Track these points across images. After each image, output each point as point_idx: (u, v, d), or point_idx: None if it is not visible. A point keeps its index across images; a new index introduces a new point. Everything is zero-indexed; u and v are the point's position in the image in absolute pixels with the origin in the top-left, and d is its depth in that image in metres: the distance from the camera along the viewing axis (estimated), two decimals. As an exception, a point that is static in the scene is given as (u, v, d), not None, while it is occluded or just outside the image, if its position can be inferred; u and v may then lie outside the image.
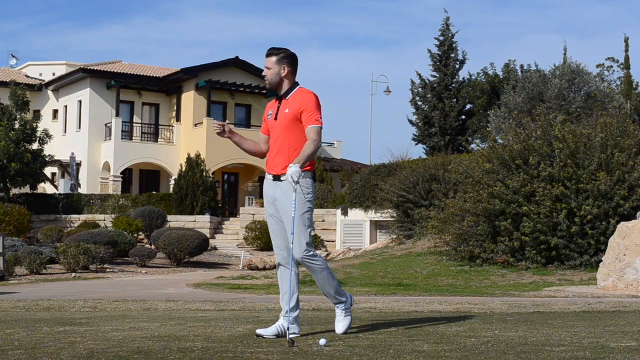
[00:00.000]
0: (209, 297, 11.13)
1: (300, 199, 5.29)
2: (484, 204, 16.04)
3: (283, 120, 5.40)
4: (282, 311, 5.45)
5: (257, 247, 28.48)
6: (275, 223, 5.47)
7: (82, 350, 4.68)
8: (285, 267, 5.45)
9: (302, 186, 5.29)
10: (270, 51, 5.50)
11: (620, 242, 11.96)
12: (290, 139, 5.38)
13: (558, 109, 26.53)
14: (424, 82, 37.31)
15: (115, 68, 37.90)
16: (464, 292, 12.19)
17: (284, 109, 5.43)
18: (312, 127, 5.32)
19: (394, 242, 23.35)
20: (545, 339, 5.16)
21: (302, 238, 5.30)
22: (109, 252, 20.66)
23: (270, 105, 5.64)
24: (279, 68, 5.45)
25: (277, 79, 5.46)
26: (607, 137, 15.96)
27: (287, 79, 5.47)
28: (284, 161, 5.36)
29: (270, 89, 5.53)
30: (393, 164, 27.07)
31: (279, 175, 5.38)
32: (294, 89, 5.47)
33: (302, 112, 5.35)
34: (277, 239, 5.48)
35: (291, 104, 5.41)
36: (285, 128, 5.39)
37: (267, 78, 5.49)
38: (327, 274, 5.46)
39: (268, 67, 5.47)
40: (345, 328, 5.49)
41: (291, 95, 5.45)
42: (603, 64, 41.26)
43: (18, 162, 30.54)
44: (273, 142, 5.47)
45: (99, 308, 8.67)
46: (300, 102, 5.37)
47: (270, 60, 5.46)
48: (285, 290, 5.43)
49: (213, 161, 35.44)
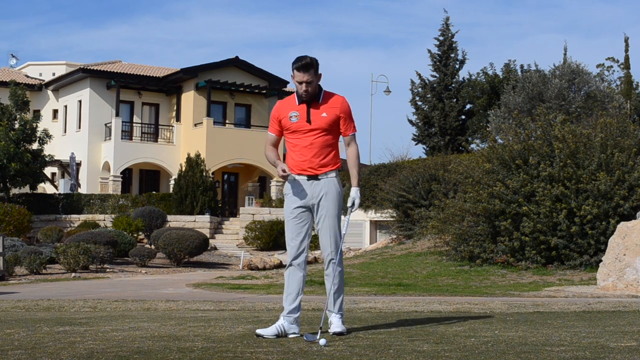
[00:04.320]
0: (209, 297, 11.13)
1: (340, 199, 5.57)
2: (484, 204, 16.04)
3: (321, 123, 5.49)
4: (284, 311, 5.46)
5: (257, 247, 28.49)
6: (299, 223, 5.52)
7: (82, 350, 4.67)
8: (297, 269, 5.49)
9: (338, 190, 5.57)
10: (306, 63, 5.40)
11: (620, 242, 11.96)
12: (327, 142, 5.52)
13: (558, 109, 26.53)
14: (424, 82, 37.31)
15: (115, 68, 37.89)
16: (464, 292, 12.19)
17: (319, 113, 5.49)
18: (352, 135, 5.63)
19: (394, 242, 23.35)
20: (545, 339, 5.16)
21: (338, 235, 5.55)
22: (109, 252, 20.66)
23: (286, 106, 5.58)
24: (318, 78, 5.50)
25: (316, 90, 5.51)
26: (607, 137, 15.95)
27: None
28: (321, 162, 5.50)
29: (308, 100, 5.49)
30: (393, 164, 27.08)
31: (316, 175, 5.51)
32: (321, 93, 5.54)
33: (341, 119, 5.53)
34: (295, 239, 5.51)
35: (329, 109, 5.52)
36: (323, 131, 5.50)
37: (310, 92, 5.45)
38: (343, 279, 5.64)
39: (309, 82, 5.42)
40: (342, 329, 5.47)
41: (323, 99, 5.53)
42: (603, 64, 41.31)
43: (18, 162, 30.53)
44: (307, 145, 5.49)
45: (99, 308, 8.67)
46: (340, 108, 5.54)
47: (310, 74, 5.41)
48: (291, 290, 5.46)
49: (213, 161, 35.44)
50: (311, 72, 5.40)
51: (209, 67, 37.22)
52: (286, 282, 5.53)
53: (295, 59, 5.42)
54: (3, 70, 42.24)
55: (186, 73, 36.79)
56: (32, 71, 42.70)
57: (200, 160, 32.41)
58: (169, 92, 38.40)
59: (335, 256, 5.52)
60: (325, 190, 5.50)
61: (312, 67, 5.40)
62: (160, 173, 38.52)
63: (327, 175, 5.50)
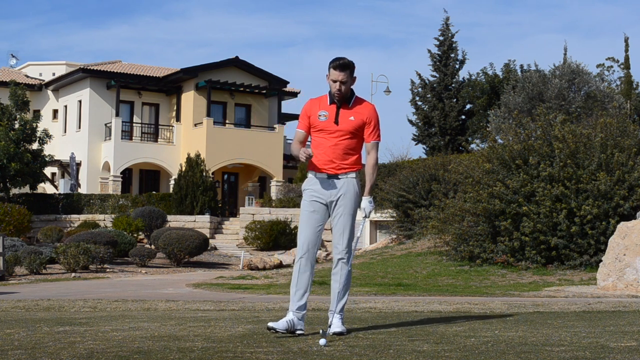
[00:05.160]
0: (209, 297, 11.13)
1: (356, 201, 5.59)
2: (484, 204, 16.04)
3: (347, 126, 5.54)
4: (292, 306, 5.46)
5: (257, 247, 28.48)
6: (313, 221, 5.57)
7: (82, 350, 4.67)
8: (307, 266, 5.52)
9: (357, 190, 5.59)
10: (343, 63, 5.48)
11: (620, 242, 11.96)
12: (350, 145, 5.57)
13: (558, 109, 26.54)
14: (424, 82, 37.33)
15: (115, 68, 37.89)
16: (464, 292, 12.19)
17: (347, 116, 5.55)
18: (375, 143, 5.62)
19: (394, 242, 23.35)
20: (545, 339, 5.16)
21: (352, 234, 5.58)
22: (109, 252, 20.66)
23: (318, 104, 5.63)
24: (352, 81, 5.55)
25: (349, 91, 5.56)
26: (607, 137, 15.95)
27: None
28: (342, 164, 5.56)
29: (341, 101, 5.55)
30: (393, 164, 27.09)
31: (336, 174, 5.57)
32: (353, 97, 5.60)
33: (367, 125, 5.56)
34: (309, 237, 5.55)
35: (357, 114, 5.56)
36: (349, 134, 5.54)
37: (344, 92, 5.51)
38: (350, 280, 5.66)
39: (343, 81, 5.48)
40: (342, 329, 5.47)
41: (354, 104, 5.58)
42: (603, 64, 41.33)
43: (18, 162, 30.52)
44: (332, 145, 5.55)
45: (99, 308, 8.67)
46: (368, 115, 5.58)
47: (345, 73, 5.48)
48: (300, 286, 5.49)
49: (213, 161, 35.44)
50: (347, 73, 5.48)
51: (209, 67, 37.23)
52: (294, 277, 5.53)
53: (334, 58, 5.54)
54: (3, 70, 42.23)
55: (186, 73, 36.79)
56: (32, 71, 42.69)
57: (200, 160, 32.40)
58: (169, 92, 38.40)
59: (345, 255, 5.56)
60: (344, 190, 5.56)
61: (349, 68, 5.49)
62: (160, 173, 38.52)
63: (347, 175, 5.56)
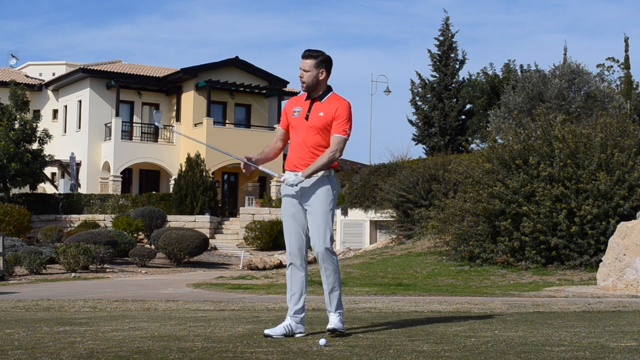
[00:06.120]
0: (209, 297, 11.13)
1: (328, 196, 5.43)
2: (484, 204, 16.04)
3: (316, 122, 5.46)
4: (290, 311, 5.46)
5: (257, 247, 28.48)
6: (294, 223, 5.51)
7: (82, 350, 4.67)
8: (297, 269, 5.49)
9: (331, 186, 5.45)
10: (308, 53, 5.48)
11: (620, 242, 11.96)
12: (320, 142, 5.46)
13: (558, 109, 26.54)
14: (424, 82, 37.32)
15: (115, 68, 37.89)
16: (464, 292, 12.19)
17: (317, 111, 5.48)
18: (337, 136, 5.44)
19: (394, 242, 23.35)
20: (545, 339, 5.16)
21: (327, 232, 5.42)
22: (109, 252, 20.65)
23: (296, 101, 5.63)
24: (317, 72, 5.47)
25: (314, 82, 5.48)
26: (607, 137, 15.96)
27: (323, 83, 5.52)
28: (311, 161, 5.43)
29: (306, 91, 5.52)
30: (393, 164, 27.07)
31: None
32: (328, 93, 5.53)
33: (334, 119, 5.44)
34: (293, 240, 5.50)
35: (326, 108, 5.47)
36: (317, 130, 5.46)
37: (305, 81, 5.47)
38: (338, 277, 5.53)
39: (305, 70, 5.46)
40: (337, 326, 5.42)
41: (326, 100, 5.51)
42: (603, 64, 41.34)
43: (18, 162, 30.51)
44: (300, 142, 5.49)
45: (99, 308, 8.67)
46: (338, 109, 5.46)
47: (308, 62, 5.46)
48: (295, 291, 5.47)
49: (213, 161, 35.42)
50: (310, 62, 5.44)
51: (209, 67, 37.23)
52: (288, 282, 5.53)
53: None
54: (3, 70, 42.22)
55: (186, 73, 36.79)
56: (32, 71, 42.69)
57: (200, 160, 32.40)
58: (169, 92, 38.40)
59: (325, 250, 5.41)
60: (314, 188, 5.45)
61: (312, 58, 5.45)
62: (160, 173, 38.52)
63: (317, 173, 5.43)
